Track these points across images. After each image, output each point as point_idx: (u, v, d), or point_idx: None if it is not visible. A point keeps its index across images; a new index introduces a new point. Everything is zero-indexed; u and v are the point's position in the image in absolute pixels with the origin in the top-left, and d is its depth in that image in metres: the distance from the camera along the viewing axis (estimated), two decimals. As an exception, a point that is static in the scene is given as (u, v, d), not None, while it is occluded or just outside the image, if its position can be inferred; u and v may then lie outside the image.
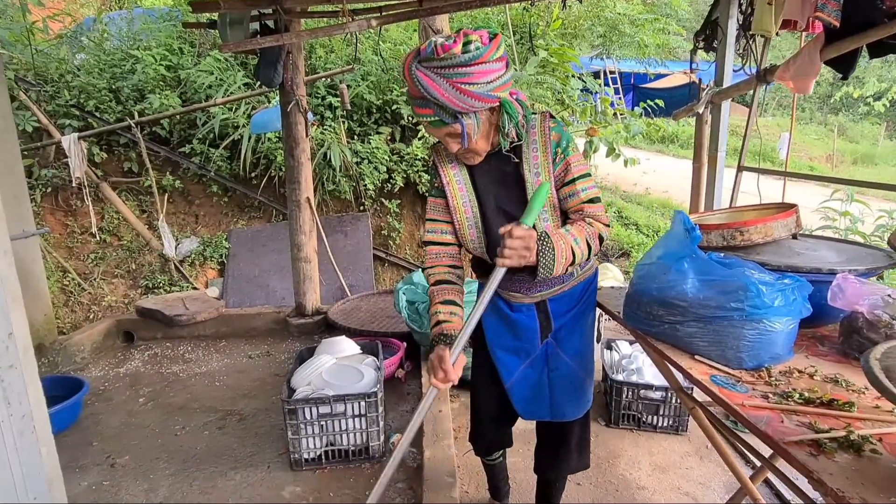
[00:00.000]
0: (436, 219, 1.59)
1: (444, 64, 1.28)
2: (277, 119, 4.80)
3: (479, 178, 1.53)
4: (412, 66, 1.31)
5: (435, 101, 1.31)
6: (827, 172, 14.02)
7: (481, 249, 1.54)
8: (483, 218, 1.52)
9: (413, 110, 1.39)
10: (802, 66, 2.28)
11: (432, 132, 1.42)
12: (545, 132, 1.49)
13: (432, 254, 1.59)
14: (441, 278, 1.55)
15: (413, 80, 1.31)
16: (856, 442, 0.96)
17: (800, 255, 1.57)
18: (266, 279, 5.89)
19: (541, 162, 1.48)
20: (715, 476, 2.38)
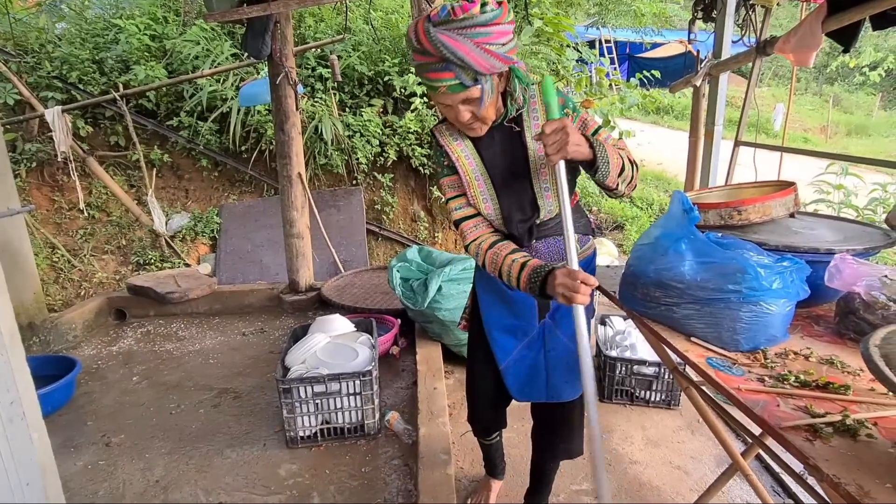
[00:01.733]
0: (458, 195, 1.53)
1: (466, 24, 1.24)
2: (267, 91, 4.70)
3: (485, 151, 1.50)
4: (428, 28, 1.25)
5: (459, 63, 1.25)
6: (821, 143, 14.00)
7: (499, 221, 1.52)
8: (495, 189, 1.50)
9: (426, 77, 1.31)
10: (803, 37, 2.23)
11: (445, 100, 1.34)
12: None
13: (469, 227, 1.52)
14: (491, 240, 1.49)
15: (432, 42, 1.24)
16: (852, 426, 0.96)
17: (798, 235, 1.56)
18: (259, 254, 5.85)
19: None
20: (706, 450, 2.41)
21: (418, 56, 1.30)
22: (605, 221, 7.82)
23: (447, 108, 1.37)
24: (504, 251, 1.44)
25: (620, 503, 2.11)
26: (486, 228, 1.52)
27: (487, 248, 1.48)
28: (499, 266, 1.44)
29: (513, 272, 1.39)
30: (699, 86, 3.11)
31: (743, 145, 2.66)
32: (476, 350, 1.78)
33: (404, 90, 6.00)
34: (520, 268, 1.38)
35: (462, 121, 1.38)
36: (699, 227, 1.60)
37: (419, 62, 1.31)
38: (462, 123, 1.39)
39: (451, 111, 1.37)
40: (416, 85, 5.87)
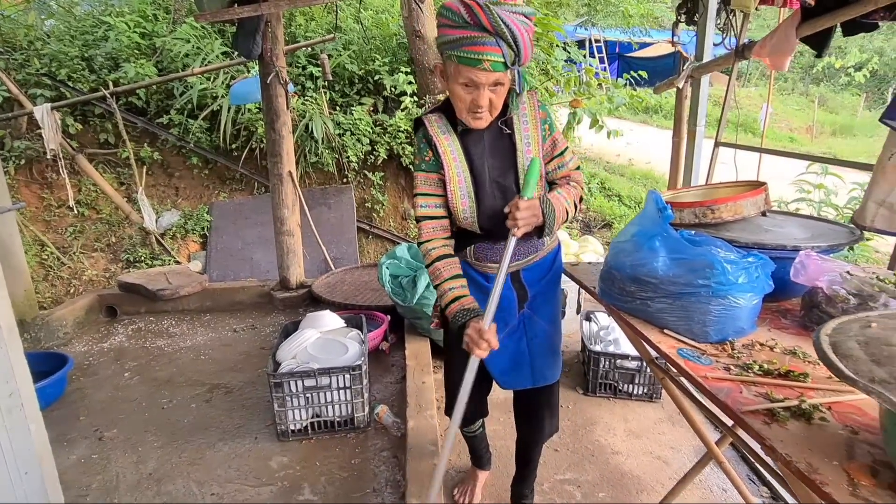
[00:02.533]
0: (428, 193, 1.57)
1: (518, 10, 1.31)
2: (257, 90, 4.72)
3: (473, 148, 1.54)
4: (485, 4, 1.29)
5: (510, 42, 1.31)
6: (807, 143, 14.20)
7: (472, 219, 1.56)
8: (476, 187, 1.55)
9: (471, 50, 1.32)
10: (779, 43, 2.31)
11: (480, 78, 1.35)
12: (535, 108, 1.56)
13: (428, 228, 1.57)
14: (442, 253, 1.55)
15: (490, 16, 1.29)
16: (807, 410, 1.03)
17: (767, 232, 1.63)
18: (250, 252, 5.88)
19: (531, 134, 1.54)
20: (685, 441, 2.49)
21: (463, 30, 1.32)
22: (593, 220, 7.90)
23: (470, 88, 1.39)
24: (446, 273, 1.53)
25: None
26: (443, 233, 1.58)
27: (436, 258, 1.55)
28: (437, 282, 1.54)
29: (446, 297, 1.51)
30: (682, 87, 3.19)
31: (722, 146, 2.74)
32: (455, 342, 1.82)
33: (394, 89, 6.04)
34: (452, 299, 1.50)
35: (481, 104, 1.40)
36: (676, 225, 1.68)
37: (462, 35, 1.32)
38: (478, 107, 1.41)
39: (474, 93, 1.39)
40: (406, 84, 5.91)
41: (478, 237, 1.61)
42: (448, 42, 1.36)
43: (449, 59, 1.38)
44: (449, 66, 1.41)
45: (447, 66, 1.43)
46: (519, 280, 1.69)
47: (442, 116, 1.57)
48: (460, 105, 1.45)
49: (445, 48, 1.38)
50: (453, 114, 1.53)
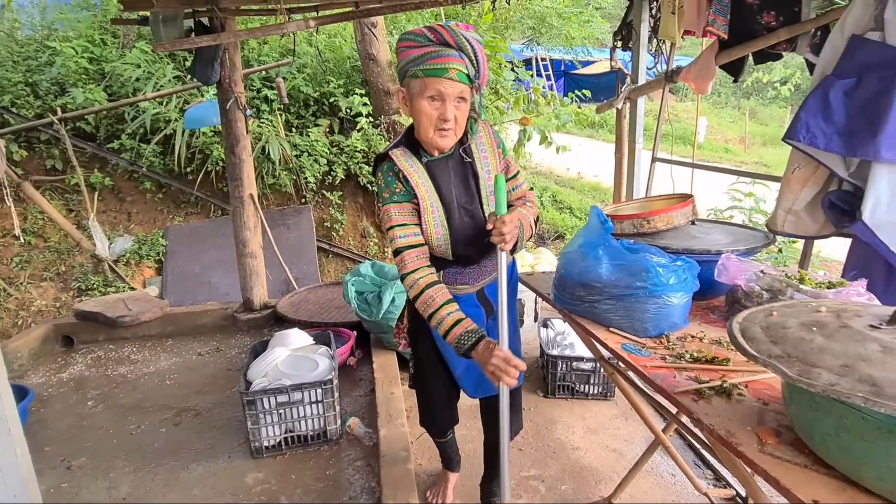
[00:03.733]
0: (404, 223, 1.58)
1: (476, 37, 1.48)
2: (214, 114, 4.78)
3: (440, 177, 1.61)
4: (447, 25, 1.46)
5: (471, 56, 1.46)
6: (740, 153, 15.10)
7: (445, 246, 1.62)
8: (447, 215, 1.61)
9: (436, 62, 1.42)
10: (701, 69, 2.58)
11: (447, 88, 1.44)
12: (490, 136, 1.68)
13: (411, 257, 1.57)
14: (430, 281, 1.55)
15: (453, 33, 1.43)
16: (727, 388, 1.22)
17: (695, 239, 1.85)
18: (208, 276, 5.84)
19: (490, 161, 1.66)
20: (638, 433, 2.69)
21: (428, 47, 1.44)
22: (546, 232, 8.21)
23: (437, 102, 1.47)
24: (439, 299, 1.52)
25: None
26: (425, 261, 1.59)
27: (425, 286, 1.54)
28: (431, 310, 1.52)
29: (445, 323, 1.50)
30: (621, 108, 3.46)
31: (659, 161, 3.00)
32: (425, 359, 1.92)
33: (350, 110, 6.18)
34: (453, 323, 1.49)
35: (448, 117, 1.47)
36: (618, 235, 1.88)
37: (427, 51, 1.44)
38: (444, 121, 1.48)
39: (441, 107, 1.47)
40: (361, 105, 6.05)
41: (448, 263, 1.69)
42: (413, 59, 1.45)
43: (414, 76, 1.46)
44: (413, 84, 1.47)
45: (411, 86, 1.48)
46: (484, 296, 1.81)
47: (406, 150, 1.61)
48: (426, 122, 1.50)
49: (410, 66, 1.46)
50: (415, 147, 1.62)
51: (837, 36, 1.72)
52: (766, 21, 2.18)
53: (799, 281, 1.50)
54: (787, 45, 2.19)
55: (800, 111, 1.73)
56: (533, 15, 7.43)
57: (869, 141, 1.59)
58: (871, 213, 1.64)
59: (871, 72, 1.60)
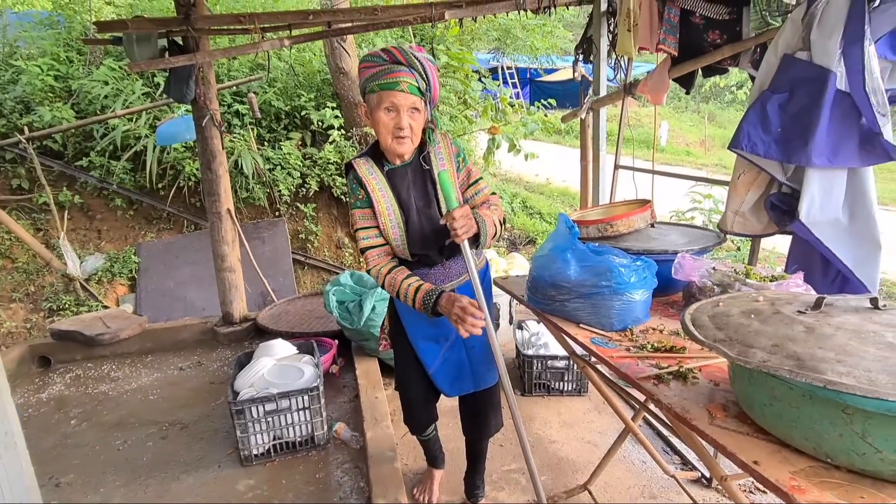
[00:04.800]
0: (366, 226, 1.79)
1: (427, 57, 1.66)
2: (186, 130, 4.82)
3: (399, 184, 1.80)
4: (401, 46, 1.64)
5: (421, 72, 1.65)
6: (701, 155, 15.65)
7: (403, 246, 1.79)
8: (405, 218, 1.79)
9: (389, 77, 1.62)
10: (656, 82, 2.78)
11: (399, 100, 1.63)
12: (448, 145, 1.85)
13: (373, 256, 1.80)
14: (391, 266, 1.78)
15: (404, 52, 1.63)
16: (683, 373, 1.38)
17: (654, 240, 2.02)
18: (183, 291, 5.83)
19: (448, 168, 1.82)
20: (611, 426, 2.85)
21: (382, 66, 1.63)
22: (518, 237, 8.40)
23: (392, 113, 1.66)
24: (400, 276, 1.75)
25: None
26: (386, 257, 1.81)
27: (387, 272, 1.77)
28: (396, 287, 1.75)
29: (409, 293, 1.73)
30: (584, 118, 3.65)
31: (622, 168, 3.19)
32: (404, 360, 2.06)
33: (321, 123, 6.26)
34: (415, 290, 1.72)
35: (402, 126, 1.66)
36: (584, 239, 2.04)
37: (382, 68, 1.64)
38: (400, 129, 1.66)
39: (395, 117, 1.66)
40: (333, 118, 6.14)
41: (412, 264, 1.85)
42: (370, 77, 1.66)
43: (371, 91, 1.66)
44: (372, 98, 1.67)
45: (370, 101, 1.69)
46: None
47: (369, 160, 1.81)
48: (384, 132, 1.69)
49: (368, 83, 1.67)
50: (379, 157, 1.81)
51: (771, 54, 1.91)
52: (711, 39, 2.38)
53: (745, 276, 1.67)
54: (731, 61, 2.39)
55: (742, 122, 1.91)
56: (498, 27, 7.65)
57: (801, 149, 1.78)
58: (806, 212, 1.83)
59: (801, 87, 1.80)
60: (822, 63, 1.73)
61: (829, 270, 1.91)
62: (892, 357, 0.96)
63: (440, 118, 7.02)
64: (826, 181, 1.81)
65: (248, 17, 3.14)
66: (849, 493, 0.95)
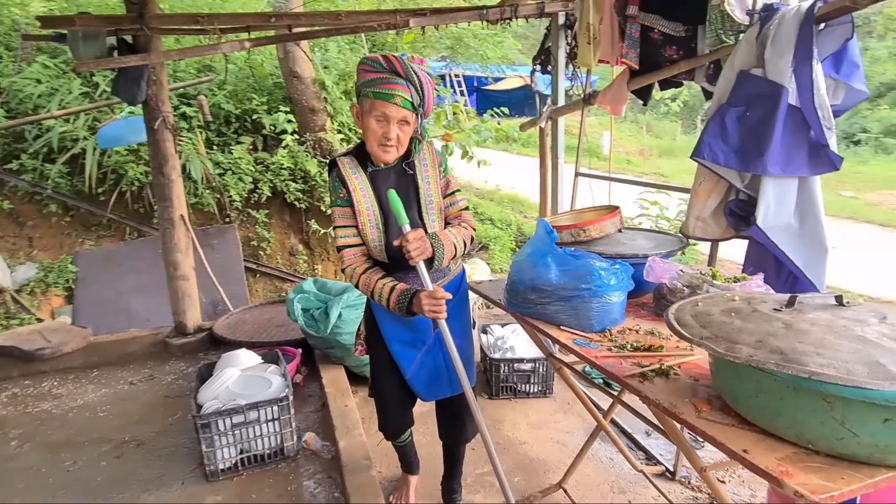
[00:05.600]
0: (345, 225, 1.82)
1: (424, 69, 1.67)
2: (131, 132, 4.61)
3: (382, 185, 1.81)
4: (400, 57, 1.64)
5: (417, 87, 1.66)
6: (640, 164, 16.35)
7: (380, 247, 1.82)
8: (384, 219, 1.81)
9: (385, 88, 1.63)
10: (615, 94, 2.90)
11: (391, 111, 1.66)
12: (433, 154, 1.89)
13: (349, 255, 1.82)
14: (365, 267, 1.81)
15: (404, 65, 1.63)
16: (665, 370, 1.45)
17: (624, 245, 2.11)
18: (126, 302, 5.55)
19: (430, 175, 1.86)
20: (576, 425, 2.94)
21: (380, 73, 1.64)
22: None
23: (382, 122, 1.68)
24: (375, 276, 1.78)
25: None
26: (362, 258, 1.83)
27: (362, 272, 1.80)
28: (371, 287, 1.78)
29: (384, 293, 1.76)
30: (544, 126, 3.75)
31: (581, 176, 3.30)
32: (380, 364, 2.06)
33: (274, 128, 6.13)
34: (389, 290, 1.76)
35: (390, 137, 1.69)
36: (558, 243, 2.10)
37: (379, 77, 1.65)
38: (387, 139, 1.70)
39: (384, 126, 1.69)
40: (286, 123, 6.03)
41: (388, 267, 1.86)
42: (367, 82, 1.67)
43: (366, 96, 1.68)
44: (365, 103, 1.69)
45: (363, 104, 1.70)
46: None
47: (353, 159, 1.83)
48: (372, 138, 1.72)
49: (364, 87, 1.68)
50: (363, 157, 1.82)
51: (728, 70, 2.05)
52: (668, 54, 2.51)
53: (712, 277, 1.78)
54: (687, 75, 2.53)
55: (703, 133, 2.03)
56: (451, 35, 7.75)
57: (758, 159, 1.91)
58: (763, 218, 1.96)
59: (757, 101, 1.93)
60: (776, 79, 1.87)
61: (782, 271, 2.05)
62: (864, 349, 1.06)
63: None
64: (780, 189, 1.95)
65: (206, 17, 3.05)
66: (830, 475, 1.03)
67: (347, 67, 6.80)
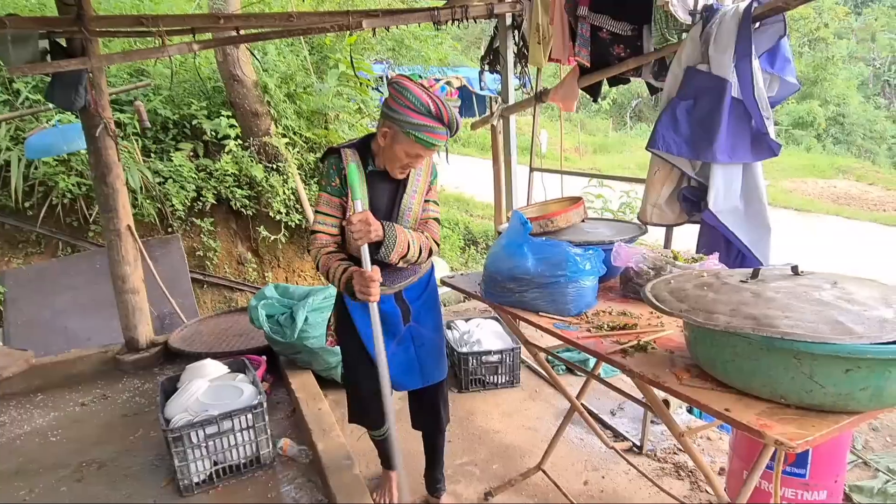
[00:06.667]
0: (328, 213, 1.86)
1: (455, 104, 1.72)
2: (63, 141, 4.37)
3: (376, 186, 1.86)
4: (448, 105, 1.68)
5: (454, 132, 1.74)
6: (577, 161, 16.93)
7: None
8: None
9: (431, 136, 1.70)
10: (566, 91, 3.03)
11: (425, 153, 1.77)
12: (429, 167, 1.97)
13: (322, 239, 1.86)
14: (328, 251, 1.86)
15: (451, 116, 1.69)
16: (643, 345, 1.55)
17: (589, 233, 2.22)
18: (62, 321, 5.21)
19: (419, 185, 1.94)
20: (546, 411, 3.04)
21: (427, 119, 1.68)
22: (421, 243, 8.52)
23: (412, 157, 1.76)
24: (335, 258, 1.83)
25: (493, 465, 2.59)
26: (333, 247, 1.88)
27: (326, 254, 1.84)
28: (328, 266, 1.82)
29: (337, 273, 1.80)
30: (495, 125, 3.85)
31: (537, 170, 3.42)
32: (352, 354, 2.08)
33: (216, 133, 5.94)
34: (342, 271, 1.80)
35: (413, 167, 1.83)
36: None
37: (427, 124, 1.69)
38: (408, 167, 1.82)
39: (414, 160, 1.78)
40: (228, 128, 5.86)
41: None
42: (412, 124, 1.68)
43: (407, 134, 1.70)
44: (402, 136, 1.71)
45: (397, 135, 1.72)
46: (402, 298, 2.04)
47: (356, 153, 1.85)
48: (394, 161, 1.79)
49: (406, 126, 1.69)
50: (366, 154, 1.86)
51: (676, 66, 2.21)
52: (616, 52, 2.66)
53: (674, 259, 1.91)
54: (634, 72, 2.69)
55: (657, 125, 2.18)
56: (392, 37, 7.76)
57: (707, 148, 2.08)
58: (713, 202, 2.13)
59: (704, 95, 2.09)
60: (720, 74, 2.04)
61: (731, 250, 2.23)
62: (825, 310, 1.19)
63: (339, 127, 6.97)
64: (727, 175, 2.12)
65: (150, 18, 2.94)
66: (803, 425, 1.15)
67: (289, 70, 6.68)
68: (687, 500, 2.29)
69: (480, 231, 9.03)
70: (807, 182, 13.52)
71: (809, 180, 13.68)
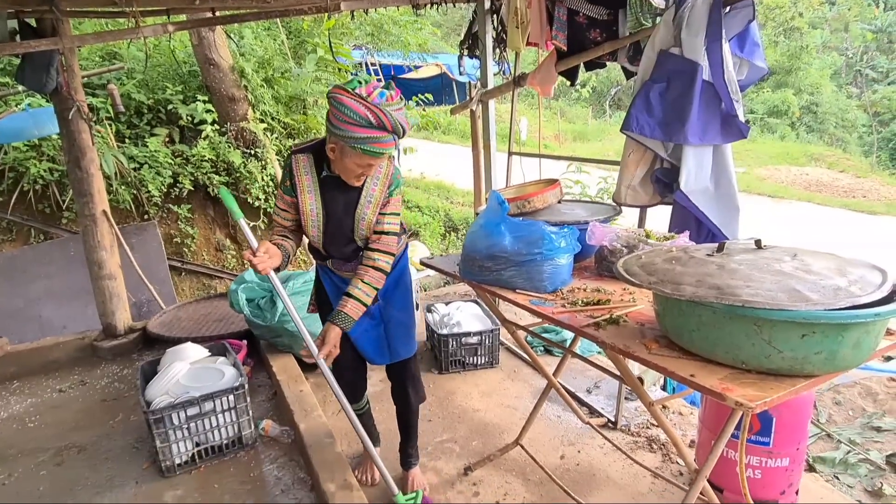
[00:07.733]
0: (282, 208, 1.96)
1: (400, 107, 1.71)
2: (34, 126, 4.29)
3: (330, 189, 1.89)
4: (386, 110, 1.64)
5: (402, 136, 1.71)
6: (556, 148, 17.03)
7: (319, 243, 1.98)
8: (326, 221, 1.92)
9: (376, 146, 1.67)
10: (544, 75, 3.07)
11: (375, 161, 1.75)
12: (388, 175, 1.94)
13: (277, 230, 2.00)
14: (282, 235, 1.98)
15: (393, 122, 1.65)
16: (615, 319, 1.61)
17: (566, 214, 2.27)
18: (36, 310, 5.15)
19: (375, 195, 1.92)
20: (524, 391, 3.11)
21: (369, 130, 1.63)
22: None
23: (363, 167, 1.76)
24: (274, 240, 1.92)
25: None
26: (287, 233, 1.98)
27: (271, 236, 1.95)
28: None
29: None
30: (475, 109, 3.88)
31: (515, 154, 3.46)
32: None
33: (192, 118, 5.86)
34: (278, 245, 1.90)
35: (367, 174, 1.83)
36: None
37: (370, 135, 1.65)
38: (363, 175, 1.82)
39: (364, 170, 1.78)
40: (204, 113, 5.78)
41: (329, 257, 2.04)
42: (356, 138, 1.65)
43: (353, 148, 1.68)
44: (347, 150, 1.70)
45: (344, 150, 1.71)
46: None
47: (310, 158, 1.88)
48: (347, 172, 1.80)
49: (350, 141, 1.66)
50: (321, 159, 1.87)
51: (650, 50, 2.25)
52: (593, 36, 2.70)
53: (646, 237, 1.97)
54: (610, 56, 2.73)
55: (631, 108, 2.23)
56: (371, 22, 7.69)
57: (679, 130, 2.13)
58: (685, 183, 2.19)
59: (676, 78, 2.14)
60: (692, 57, 2.09)
61: (702, 230, 2.29)
62: (783, 280, 1.25)
63: (318, 113, 6.92)
64: (698, 156, 2.18)
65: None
66: (762, 388, 1.22)
67: (266, 54, 6.59)
68: (659, 471, 2.38)
69: (461, 218, 9.07)
70: (780, 169, 13.81)
71: (783, 167, 13.98)
